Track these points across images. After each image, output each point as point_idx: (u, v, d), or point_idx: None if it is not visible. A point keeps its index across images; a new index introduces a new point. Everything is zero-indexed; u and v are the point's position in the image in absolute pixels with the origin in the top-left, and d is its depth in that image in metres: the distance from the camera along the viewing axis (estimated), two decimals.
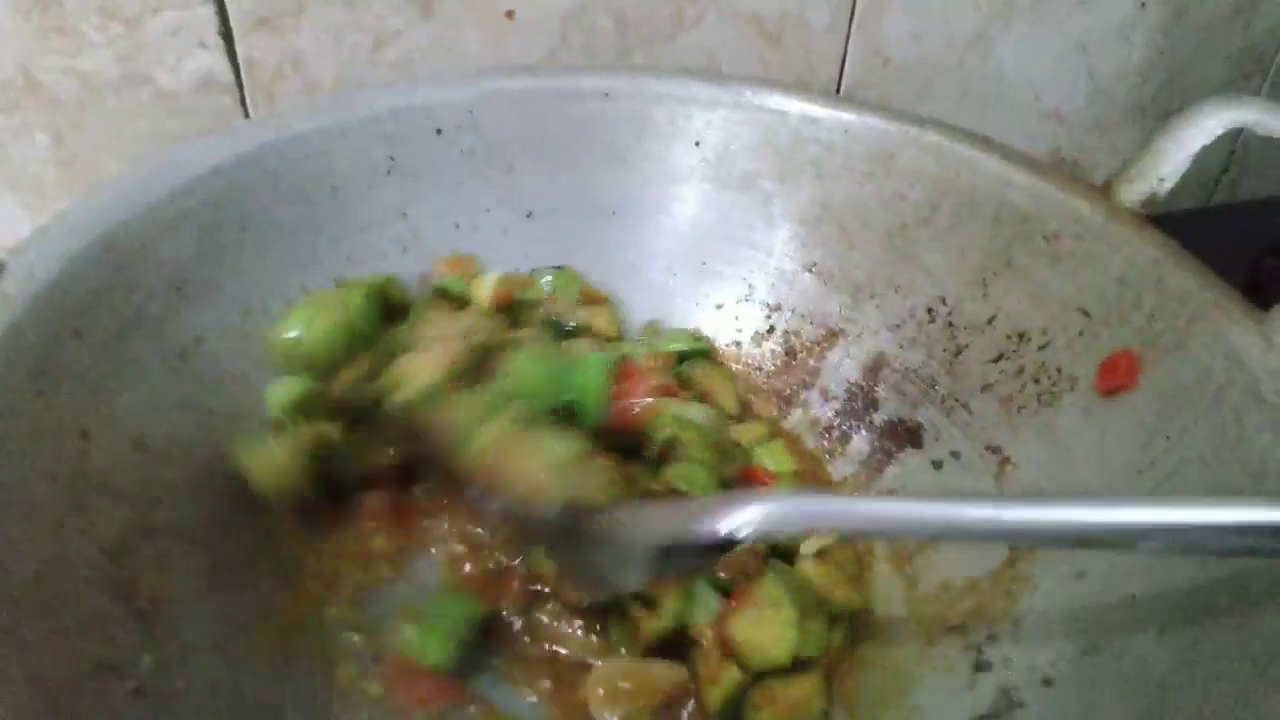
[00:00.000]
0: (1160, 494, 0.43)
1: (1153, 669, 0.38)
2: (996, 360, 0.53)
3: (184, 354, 0.48)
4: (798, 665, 0.44)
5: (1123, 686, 0.38)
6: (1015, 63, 0.76)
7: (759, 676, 0.44)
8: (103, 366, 0.44)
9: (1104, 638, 0.41)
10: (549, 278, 0.61)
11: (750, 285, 0.63)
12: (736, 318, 0.63)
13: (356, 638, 0.45)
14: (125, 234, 0.47)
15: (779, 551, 0.48)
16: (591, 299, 0.61)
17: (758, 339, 0.62)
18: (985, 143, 0.56)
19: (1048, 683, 0.42)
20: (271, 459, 0.47)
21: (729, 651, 0.44)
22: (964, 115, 0.65)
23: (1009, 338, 0.53)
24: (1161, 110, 0.79)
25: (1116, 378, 0.48)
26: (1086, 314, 0.50)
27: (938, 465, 0.54)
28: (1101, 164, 0.80)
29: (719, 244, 0.63)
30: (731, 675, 0.44)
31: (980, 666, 0.44)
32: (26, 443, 0.39)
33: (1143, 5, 0.72)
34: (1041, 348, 0.51)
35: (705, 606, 0.45)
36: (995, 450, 0.52)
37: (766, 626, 0.44)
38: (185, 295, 0.49)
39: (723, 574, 0.46)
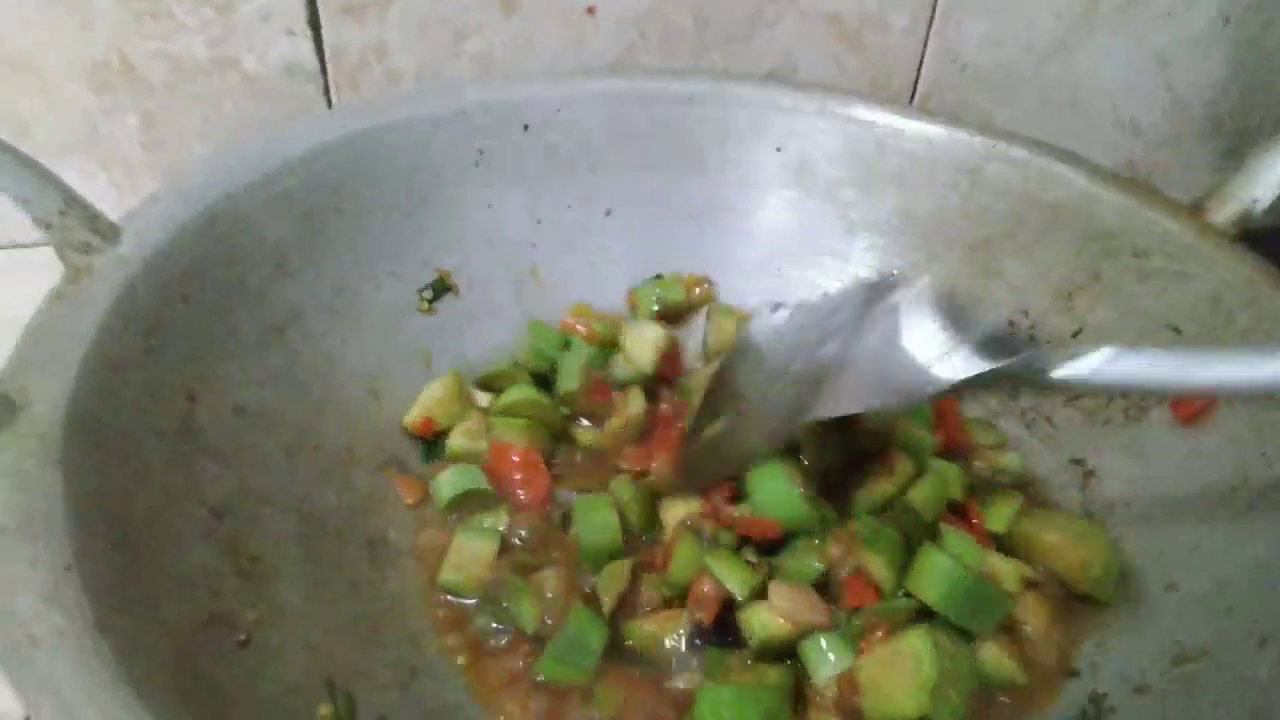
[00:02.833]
0: (1255, 510, 0.43)
1: (1254, 678, 0.38)
2: None
3: (280, 327, 0.49)
4: None
5: (1222, 695, 0.38)
6: (1094, 73, 0.75)
7: None
8: (207, 332, 0.44)
9: (1198, 648, 0.41)
10: (656, 291, 0.61)
11: (826, 293, 0.63)
12: None
13: (442, 613, 0.46)
14: (229, 207, 0.48)
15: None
16: (696, 284, 0.63)
17: None
18: (1072, 158, 0.56)
19: (1141, 690, 0.41)
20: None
21: (845, 701, 0.41)
22: (1040, 124, 0.65)
23: None
24: (1239, 127, 0.78)
25: (1193, 406, 0.48)
26: (1177, 330, 0.50)
27: (1019, 478, 0.54)
28: (1176, 179, 0.79)
29: (797, 250, 0.63)
30: None
31: (1069, 674, 0.44)
32: (139, 398, 0.39)
33: (1226, 20, 0.71)
34: None
35: (829, 659, 0.42)
36: (1079, 463, 0.52)
37: (899, 678, 0.40)
38: (283, 271, 0.49)
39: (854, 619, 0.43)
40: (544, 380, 0.57)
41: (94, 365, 0.38)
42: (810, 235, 0.63)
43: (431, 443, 0.54)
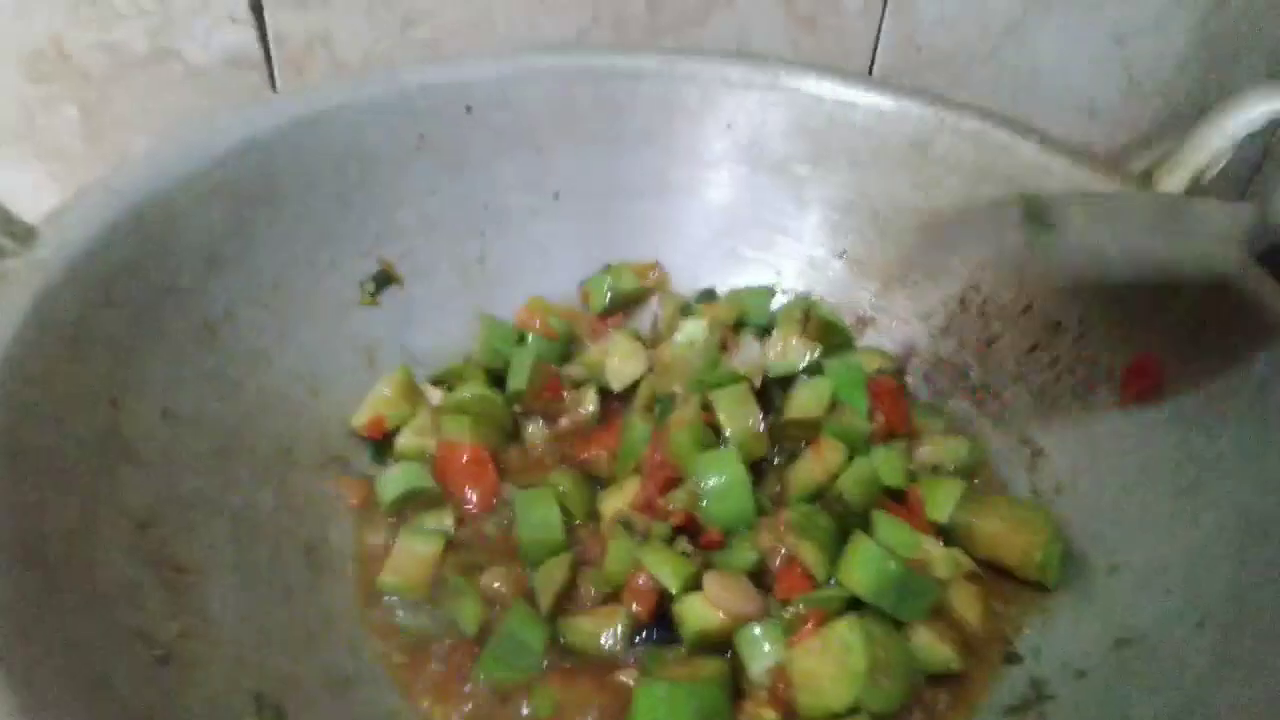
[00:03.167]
0: (1198, 488, 0.43)
1: (1190, 662, 0.37)
2: (1030, 351, 0.52)
3: (212, 326, 0.48)
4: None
5: (1159, 679, 0.38)
6: (1051, 54, 0.75)
7: None
8: (134, 335, 0.43)
9: (1138, 631, 0.40)
10: (608, 281, 0.61)
11: (779, 271, 0.62)
12: None
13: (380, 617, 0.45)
14: (157, 204, 0.47)
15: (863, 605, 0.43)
16: (647, 270, 0.62)
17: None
18: (1024, 129, 0.55)
19: (1080, 675, 0.41)
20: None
21: (780, 693, 0.41)
22: (996, 106, 0.63)
23: (1044, 327, 0.52)
24: (1197, 106, 0.77)
25: (1143, 378, 0.48)
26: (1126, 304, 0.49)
27: None
28: (1135, 159, 0.79)
29: (748, 228, 0.62)
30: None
31: (1010, 659, 0.44)
32: (58, 408, 0.38)
33: (1180, 0, 0.71)
34: (1078, 339, 0.51)
35: (763, 650, 0.42)
36: (1027, 442, 0.51)
37: (831, 668, 0.40)
38: (216, 267, 0.48)
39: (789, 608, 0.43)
40: (499, 377, 0.57)
41: (8, 377, 0.37)
42: (762, 213, 0.62)
43: (380, 443, 0.53)
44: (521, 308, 0.59)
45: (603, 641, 0.43)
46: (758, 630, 0.42)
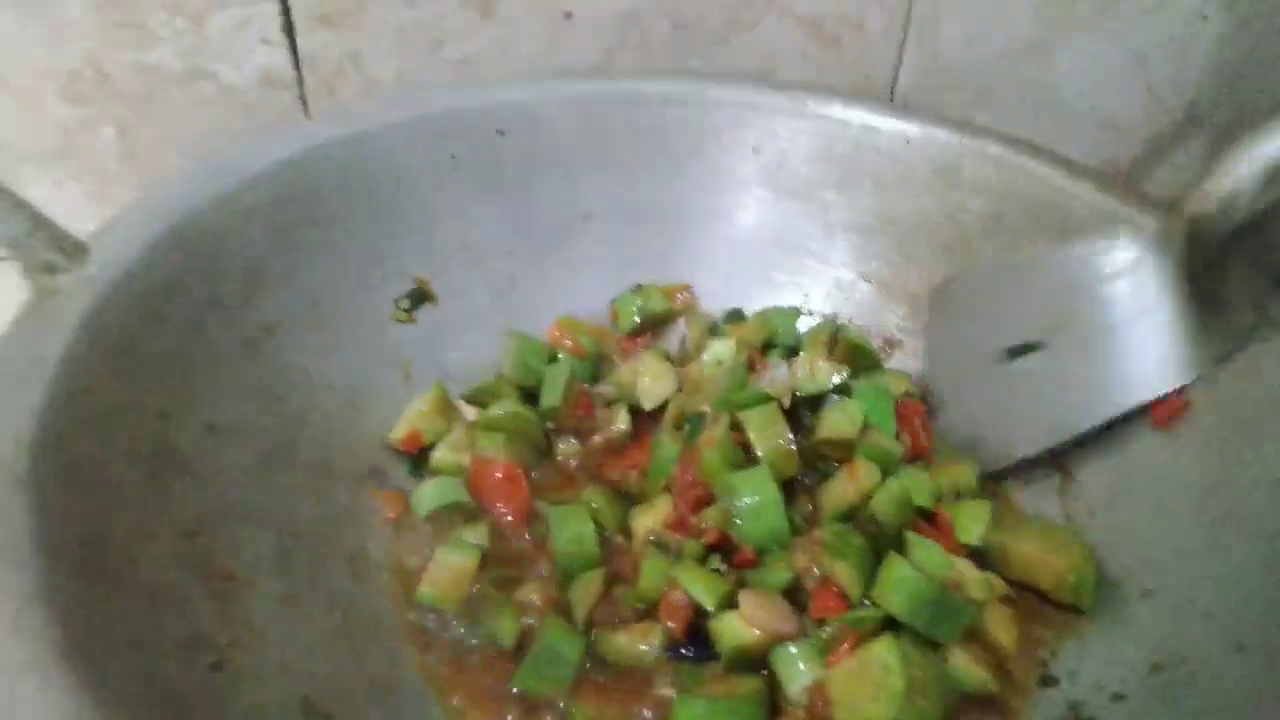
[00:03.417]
0: (1231, 515, 0.43)
1: (1232, 686, 0.38)
2: None
3: (255, 342, 0.48)
4: None
5: (1199, 704, 0.38)
6: (1072, 73, 0.75)
7: None
8: (179, 350, 0.44)
9: (1176, 656, 0.41)
10: (637, 302, 0.61)
11: (806, 294, 0.63)
12: None
13: (419, 627, 0.45)
14: (200, 223, 0.48)
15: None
16: (676, 291, 0.63)
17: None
18: (1049, 156, 0.56)
19: (1118, 698, 0.41)
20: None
21: (818, 711, 0.41)
22: (1019, 124, 0.64)
23: None
24: (1220, 123, 0.78)
25: (1169, 406, 0.48)
26: None
27: (998, 478, 0.54)
28: (1157, 177, 0.79)
29: (775, 252, 0.63)
30: None
31: (1046, 682, 0.44)
32: (108, 419, 0.39)
33: (1205, 17, 0.71)
34: None
35: (799, 669, 0.42)
36: (1060, 465, 0.51)
37: (868, 688, 0.40)
38: (258, 284, 0.49)
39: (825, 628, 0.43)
40: (531, 394, 0.57)
41: (61, 390, 0.38)
42: (789, 237, 0.62)
43: (416, 457, 0.54)
44: (552, 326, 0.60)
45: (641, 649, 0.43)
46: (794, 649, 0.42)
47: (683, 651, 0.44)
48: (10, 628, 0.30)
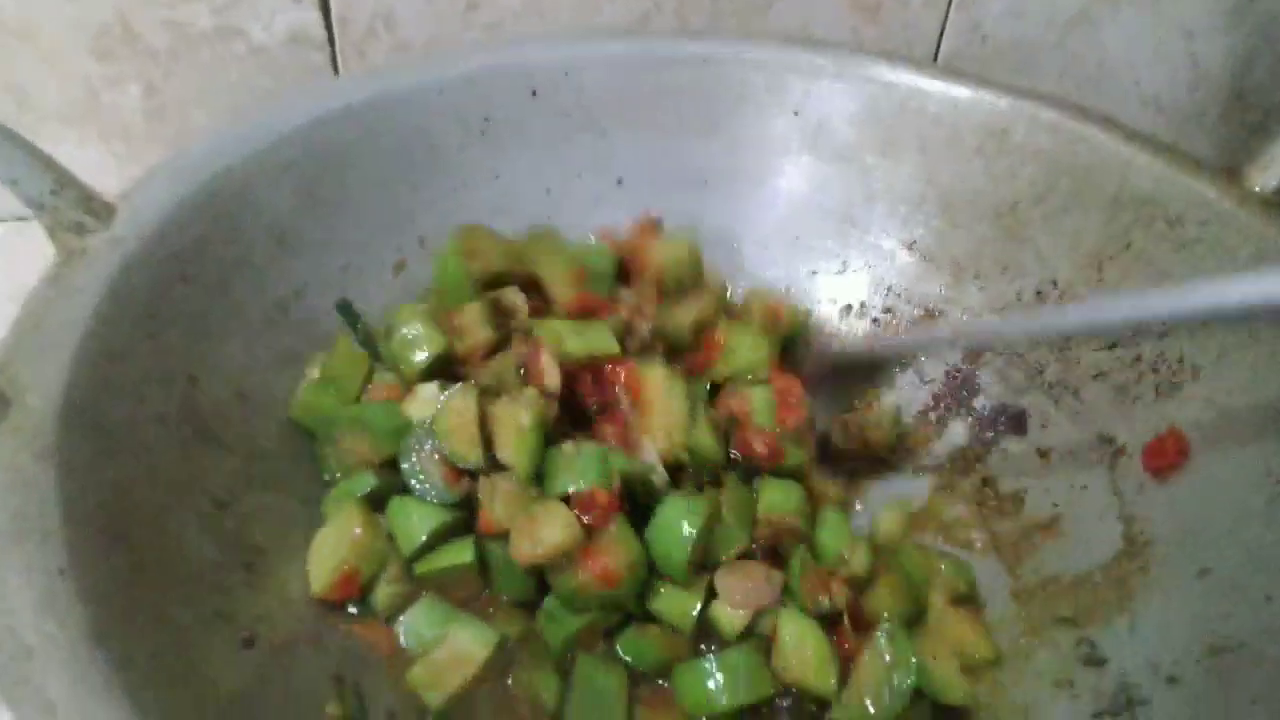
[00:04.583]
0: None
1: None
2: (1111, 347, 0.51)
3: (284, 305, 0.48)
4: None
5: (1261, 689, 0.37)
6: (1117, 46, 0.73)
7: None
8: (209, 312, 0.43)
9: (1235, 639, 0.39)
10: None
11: (844, 261, 0.61)
12: (829, 293, 0.61)
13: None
14: (228, 181, 0.47)
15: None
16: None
17: (850, 315, 0.61)
18: (1106, 121, 0.54)
19: (1172, 681, 0.40)
20: None
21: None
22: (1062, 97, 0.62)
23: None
24: (1264, 101, 0.75)
25: (1165, 457, 0.47)
26: None
27: (1043, 454, 0.52)
28: (1200, 154, 0.77)
29: (814, 217, 0.61)
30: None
31: (1091, 661, 0.43)
32: (137, 383, 0.38)
33: None
34: (1162, 335, 0.49)
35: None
36: (1108, 440, 0.50)
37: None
38: (286, 246, 0.48)
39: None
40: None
41: (89, 353, 0.37)
42: (828, 202, 0.60)
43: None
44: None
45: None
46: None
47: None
48: (39, 606, 0.29)
